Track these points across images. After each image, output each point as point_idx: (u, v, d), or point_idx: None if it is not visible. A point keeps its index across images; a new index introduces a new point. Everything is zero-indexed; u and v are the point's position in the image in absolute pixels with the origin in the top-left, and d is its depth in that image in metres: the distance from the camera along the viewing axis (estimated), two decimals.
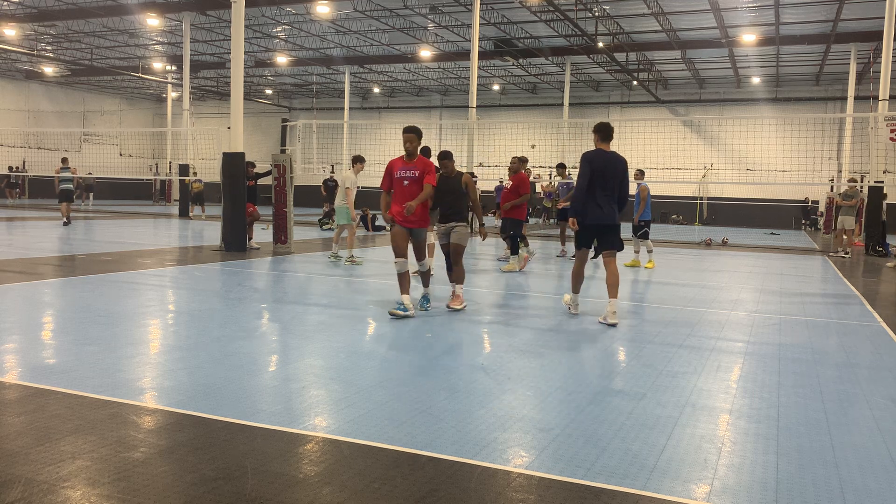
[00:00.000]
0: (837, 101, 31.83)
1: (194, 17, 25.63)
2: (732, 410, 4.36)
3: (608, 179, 7.01)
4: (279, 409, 4.09)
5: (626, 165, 7.18)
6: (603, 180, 7.00)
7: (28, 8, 25.53)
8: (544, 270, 12.18)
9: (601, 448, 3.60)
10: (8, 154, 35.74)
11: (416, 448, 3.51)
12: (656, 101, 33.93)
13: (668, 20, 23.91)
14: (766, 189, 31.66)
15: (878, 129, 19.02)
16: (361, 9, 23.71)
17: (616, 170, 7.06)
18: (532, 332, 6.60)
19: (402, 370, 5.10)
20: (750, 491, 3.15)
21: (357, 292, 8.92)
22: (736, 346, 6.28)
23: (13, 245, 13.27)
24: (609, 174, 7.01)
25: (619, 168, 7.09)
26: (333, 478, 3.14)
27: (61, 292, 8.10)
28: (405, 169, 7.20)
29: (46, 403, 4.03)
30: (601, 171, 6.98)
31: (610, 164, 7.04)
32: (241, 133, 13.73)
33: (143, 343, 5.75)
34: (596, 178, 6.98)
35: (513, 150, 33.95)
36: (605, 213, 7.05)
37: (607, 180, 7.01)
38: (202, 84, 39.14)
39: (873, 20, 21.97)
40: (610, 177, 7.02)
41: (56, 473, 3.08)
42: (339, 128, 34.77)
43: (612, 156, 7.11)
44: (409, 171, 7.18)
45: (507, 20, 25.06)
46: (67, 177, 19.42)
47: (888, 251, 17.61)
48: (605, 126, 7.19)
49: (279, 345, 5.81)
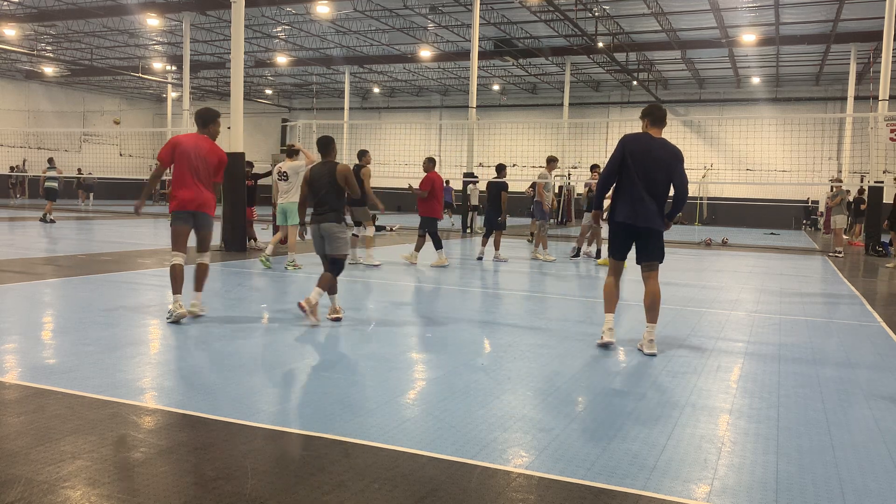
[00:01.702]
0: (837, 101, 31.82)
1: (194, 17, 25.62)
2: (732, 410, 4.36)
3: (650, 170, 5.64)
4: (279, 409, 4.09)
5: (678, 156, 5.75)
6: (643, 170, 5.64)
7: (28, 8, 25.53)
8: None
9: (601, 448, 3.60)
10: (8, 154, 35.74)
11: (416, 448, 3.51)
12: (656, 101, 33.93)
13: (668, 20, 23.90)
14: (766, 189, 31.65)
15: (878, 129, 19.02)
16: (361, 9, 23.70)
17: (662, 160, 5.67)
18: (532, 332, 6.59)
19: (402, 370, 5.10)
20: (750, 491, 3.15)
21: (355, 292, 8.93)
22: (736, 346, 6.28)
23: (13, 245, 13.27)
24: (651, 164, 5.65)
25: (666, 157, 5.69)
26: (334, 478, 3.14)
27: (61, 292, 8.10)
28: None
29: (46, 403, 4.03)
30: (641, 159, 5.64)
31: (653, 152, 5.67)
32: (241, 133, 13.73)
33: (143, 343, 5.75)
34: (636, 166, 5.64)
35: (513, 149, 34.13)
36: (640, 213, 5.69)
37: (649, 171, 5.64)
38: (202, 84, 39.13)
39: (873, 20, 21.96)
40: (654, 167, 5.64)
41: (56, 473, 3.08)
42: (339, 128, 34.76)
43: (659, 143, 5.74)
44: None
45: (507, 20, 25.06)
46: (52, 176, 19.71)
47: (888, 251, 17.61)
48: (653, 109, 5.89)
49: (279, 344, 5.81)
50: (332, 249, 6.75)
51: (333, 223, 6.68)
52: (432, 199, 11.83)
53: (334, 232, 6.70)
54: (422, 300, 8.71)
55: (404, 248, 15.59)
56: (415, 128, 39.68)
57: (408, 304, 8.37)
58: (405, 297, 8.93)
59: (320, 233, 6.74)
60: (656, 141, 5.77)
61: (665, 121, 5.87)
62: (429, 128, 39.61)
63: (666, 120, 5.88)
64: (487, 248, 13.45)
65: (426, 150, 39.41)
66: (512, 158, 35.68)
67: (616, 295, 6.05)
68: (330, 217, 6.67)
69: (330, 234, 6.71)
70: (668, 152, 5.74)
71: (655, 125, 5.84)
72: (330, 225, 6.68)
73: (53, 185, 19.80)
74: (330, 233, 6.70)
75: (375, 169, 12.00)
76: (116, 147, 40.59)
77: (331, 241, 6.74)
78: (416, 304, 8.35)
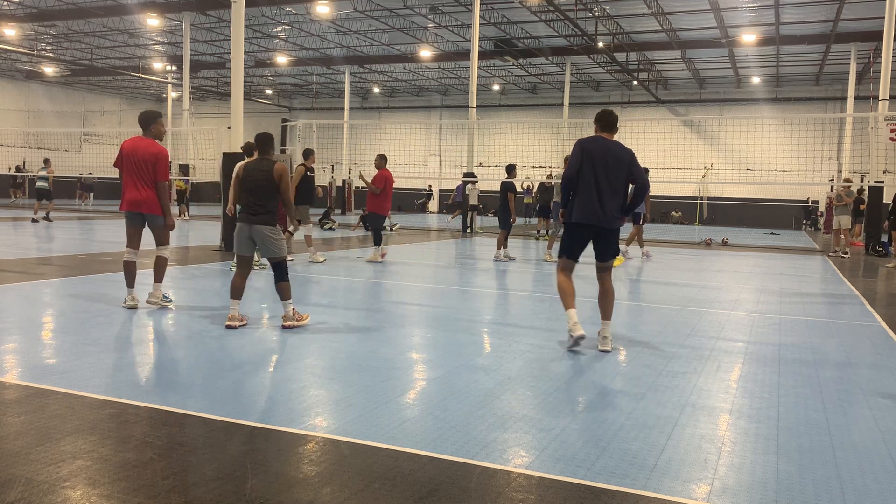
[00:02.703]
0: (837, 101, 31.83)
1: (194, 17, 25.63)
2: (732, 410, 4.36)
3: (611, 170, 5.81)
4: (279, 409, 4.09)
5: (633, 155, 5.96)
6: (605, 170, 5.80)
7: (28, 8, 25.54)
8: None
9: (601, 448, 3.60)
10: (8, 154, 35.74)
11: (416, 448, 3.51)
12: (656, 101, 33.94)
13: (668, 20, 23.91)
14: (766, 189, 31.67)
15: (878, 129, 19.03)
16: (361, 9, 23.71)
17: (621, 161, 5.84)
18: (532, 332, 6.59)
19: (402, 370, 5.10)
20: (750, 491, 3.15)
21: (355, 292, 8.93)
22: (736, 346, 6.28)
23: (13, 245, 13.27)
24: (613, 163, 5.82)
25: (625, 158, 5.86)
26: (333, 478, 3.14)
27: (61, 292, 8.10)
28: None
29: (46, 403, 4.03)
30: (602, 160, 5.81)
31: (612, 153, 5.85)
32: (241, 133, 13.72)
33: (144, 343, 5.75)
34: (597, 167, 5.80)
35: (513, 149, 34.14)
36: (598, 214, 5.82)
37: (610, 171, 5.81)
38: (202, 84, 39.14)
39: (873, 20, 21.97)
40: (615, 166, 5.81)
41: (56, 473, 3.08)
42: (339, 128, 34.77)
43: (614, 143, 5.94)
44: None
45: (507, 20, 25.07)
46: (43, 176, 20.07)
47: (888, 251, 17.61)
48: (604, 115, 6.04)
49: (279, 344, 5.81)
50: (269, 253, 6.37)
51: (267, 226, 6.31)
52: (383, 197, 12.03)
53: (267, 235, 6.31)
54: (422, 300, 8.71)
55: (405, 248, 15.59)
56: (415, 128, 39.69)
57: (407, 303, 8.37)
58: (405, 297, 8.93)
59: (250, 234, 6.32)
60: (612, 142, 5.95)
61: (616, 127, 6.05)
62: (429, 128, 39.62)
63: (617, 126, 6.05)
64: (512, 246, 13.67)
65: (426, 150, 39.49)
66: (512, 158, 35.74)
67: (573, 291, 6.05)
68: (263, 219, 6.30)
69: (263, 237, 6.32)
70: (626, 152, 5.92)
71: (606, 130, 6.02)
72: (262, 228, 6.29)
73: (43, 185, 20.12)
74: (262, 235, 6.31)
75: (375, 169, 12.00)
76: (116, 147, 40.53)
77: (265, 244, 6.35)
78: (417, 304, 8.35)
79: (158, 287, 7.22)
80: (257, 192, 6.29)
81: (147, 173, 6.93)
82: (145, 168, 6.92)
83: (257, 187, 6.29)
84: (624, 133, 38.93)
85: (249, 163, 6.52)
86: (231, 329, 6.23)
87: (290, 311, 6.38)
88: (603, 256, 6.03)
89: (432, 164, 39.81)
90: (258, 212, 6.29)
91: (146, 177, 6.94)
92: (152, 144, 7.02)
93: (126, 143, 7.04)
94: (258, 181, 6.29)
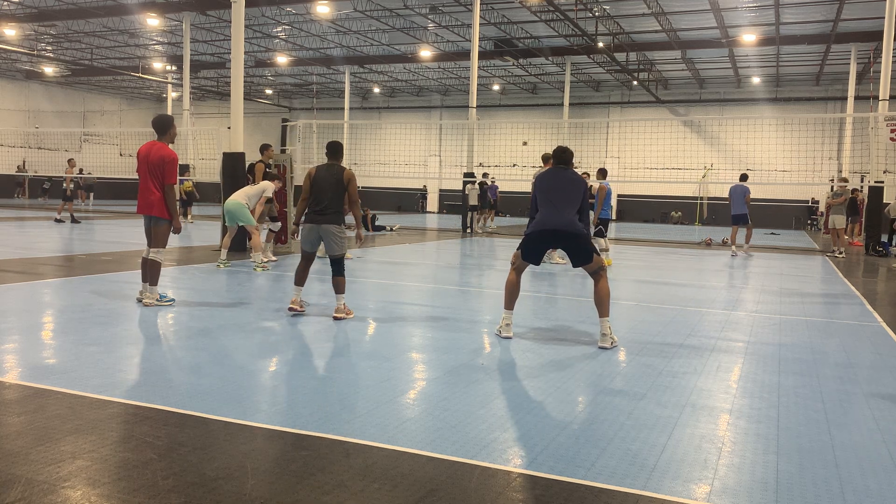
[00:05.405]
0: (837, 101, 31.83)
1: (194, 17, 25.63)
2: (732, 410, 4.36)
3: (565, 192, 6.17)
4: (279, 409, 4.09)
5: (582, 181, 6.32)
6: (561, 192, 6.17)
7: (28, 8, 25.54)
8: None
9: (601, 448, 3.60)
10: (8, 154, 35.75)
11: (416, 448, 3.51)
12: (656, 101, 33.93)
13: (668, 20, 23.91)
14: (767, 189, 31.64)
15: (878, 129, 19.03)
16: (361, 9, 23.70)
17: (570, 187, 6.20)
18: (532, 332, 6.59)
19: (402, 370, 5.10)
20: (750, 491, 3.15)
21: (355, 292, 8.93)
22: (736, 346, 6.28)
23: (13, 245, 13.27)
24: (567, 186, 6.19)
25: (573, 184, 6.23)
26: (334, 478, 3.14)
27: (61, 292, 8.10)
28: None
29: (46, 403, 4.03)
30: (555, 188, 6.19)
31: (559, 182, 6.23)
32: (241, 133, 13.73)
33: (144, 343, 5.75)
34: (552, 189, 6.19)
35: (513, 149, 34.13)
36: (554, 220, 6.12)
37: (566, 190, 6.18)
38: (202, 84, 39.13)
39: (873, 20, 21.97)
40: (569, 189, 6.19)
41: (56, 473, 3.08)
42: (340, 128, 34.77)
43: (563, 173, 6.32)
44: None
45: (507, 20, 25.07)
46: (73, 177, 20.48)
47: (888, 251, 17.61)
48: (559, 151, 6.48)
49: (280, 344, 5.81)
50: (332, 250, 6.90)
51: (335, 224, 6.83)
52: None
53: (334, 233, 6.83)
54: (422, 300, 8.71)
55: (404, 248, 15.59)
56: (415, 128, 39.70)
57: (407, 303, 8.37)
58: (405, 296, 8.93)
59: (319, 232, 6.86)
60: (561, 172, 6.36)
61: (571, 161, 6.47)
62: (429, 128, 39.61)
63: (572, 161, 6.48)
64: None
65: (426, 150, 39.49)
66: (512, 158, 35.78)
67: (517, 293, 6.36)
68: (331, 218, 6.81)
69: (330, 235, 6.83)
70: (574, 180, 6.30)
71: (560, 164, 6.45)
72: (330, 226, 6.81)
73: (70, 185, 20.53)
74: (329, 233, 6.83)
75: (376, 169, 12.04)
76: (116, 147, 40.60)
77: (331, 241, 6.86)
78: (417, 304, 8.35)
79: (154, 290, 7.36)
80: (328, 194, 6.79)
81: (157, 176, 7.21)
82: (153, 172, 7.20)
83: (328, 189, 6.80)
84: (624, 133, 39.34)
85: (321, 167, 6.98)
86: (293, 312, 6.91)
87: (341, 305, 6.90)
88: (579, 262, 6.25)
89: (432, 164, 39.81)
90: (327, 212, 6.79)
91: (154, 180, 7.22)
92: (163, 148, 7.28)
93: (141, 148, 7.36)
94: (330, 184, 6.82)
